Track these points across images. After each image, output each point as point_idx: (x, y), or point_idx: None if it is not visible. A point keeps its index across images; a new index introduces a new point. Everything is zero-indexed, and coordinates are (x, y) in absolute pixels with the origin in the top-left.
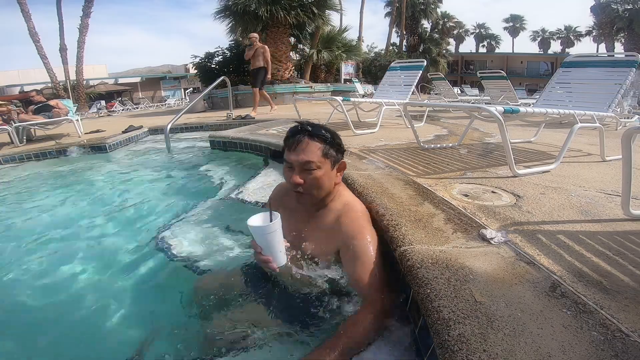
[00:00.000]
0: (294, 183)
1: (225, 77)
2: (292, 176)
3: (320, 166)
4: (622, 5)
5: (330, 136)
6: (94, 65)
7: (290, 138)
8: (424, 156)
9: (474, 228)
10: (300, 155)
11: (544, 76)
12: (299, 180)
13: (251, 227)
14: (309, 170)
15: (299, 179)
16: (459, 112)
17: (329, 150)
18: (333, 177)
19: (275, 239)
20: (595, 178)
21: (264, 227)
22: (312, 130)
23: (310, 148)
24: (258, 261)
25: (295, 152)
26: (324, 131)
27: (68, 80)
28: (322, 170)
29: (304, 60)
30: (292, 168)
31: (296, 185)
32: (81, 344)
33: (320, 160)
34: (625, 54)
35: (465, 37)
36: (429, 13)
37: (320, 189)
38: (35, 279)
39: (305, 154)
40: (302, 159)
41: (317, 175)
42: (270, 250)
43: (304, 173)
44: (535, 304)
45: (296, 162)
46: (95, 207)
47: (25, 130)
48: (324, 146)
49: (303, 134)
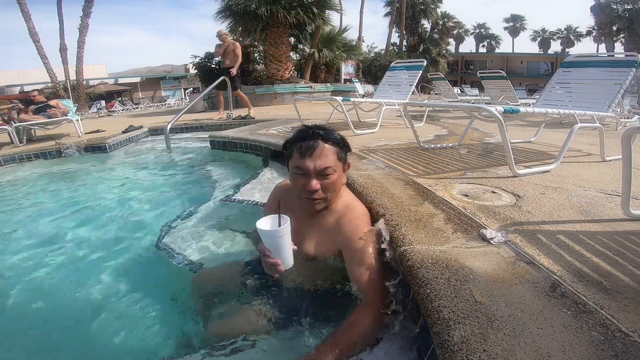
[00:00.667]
0: (312, 190)
1: (225, 77)
2: (307, 183)
3: (336, 170)
4: (622, 5)
5: (340, 138)
6: (94, 65)
7: (302, 143)
8: (424, 156)
9: (474, 228)
10: (317, 162)
11: (544, 76)
12: (318, 187)
13: (261, 230)
14: (326, 176)
15: (318, 184)
16: (459, 112)
17: (341, 153)
18: (343, 178)
19: (285, 242)
20: (595, 178)
21: (275, 231)
22: (325, 135)
23: (326, 153)
24: (265, 264)
25: (311, 158)
26: (335, 133)
27: (68, 80)
28: (337, 173)
29: (304, 60)
30: (305, 174)
31: (313, 192)
32: (81, 342)
33: (336, 164)
34: (625, 54)
35: (465, 37)
36: (429, 13)
37: (334, 192)
38: (34, 279)
39: (322, 159)
40: (320, 165)
41: (333, 180)
42: (280, 253)
43: (320, 178)
44: (535, 304)
45: (313, 168)
46: (95, 207)
47: (26, 130)
48: (338, 150)
49: (316, 139)
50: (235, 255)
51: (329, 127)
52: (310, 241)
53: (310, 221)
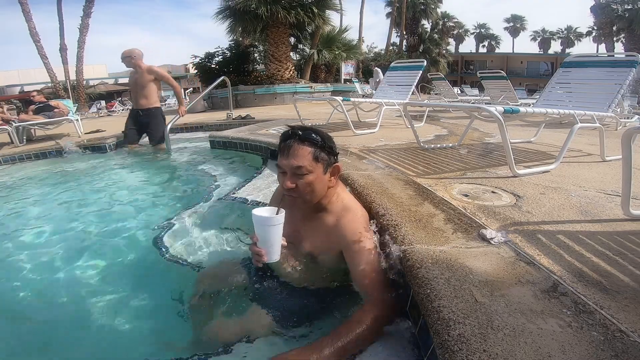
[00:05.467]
0: (286, 187)
1: (225, 77)
2: (284, 181)
3: (311, 170)
4: (622, 5)
5: (321, 139)
6: (94, 65)
7: (282, 143)
8: (424, 156)
9: (474, 228)
10: (290, 160)
11: (544, 76)
12: (291, 185)
13: (255, 216)
14: (301, 175)
15: (291, 183)
16: (459, 112)
17: (319, 154)
18: (326, 180)
19: (275, 233)
20: (595, 178)
21: (267, 219)
22: (302, 135)
23: (300, 152)
24: (251, 251)
25: (286, 157)
26: (314, 134)
27: (68, 80)
28: (313, 174)
29: (304, 60)
30: (283, 173)
31: (289, 190)
32: (81, 343)
33: (311, 164)
34: (625, 54)
35: (465, 37)
36: (429, 13)
37: (312, 193)
38: (34, 278)
39: (296, 158)
40: (293, 163)
41: (308, 180)
42: (267, 243)
43: (295, 177)
44: (535, 304)
45: (287, 167)
46: (94, 207)
47: (26, 130)
48: (314, 150)
49: (293, 139)
50: (235, 254)
51: (316, 129)
52: (309, 241)
53: (310, 222)
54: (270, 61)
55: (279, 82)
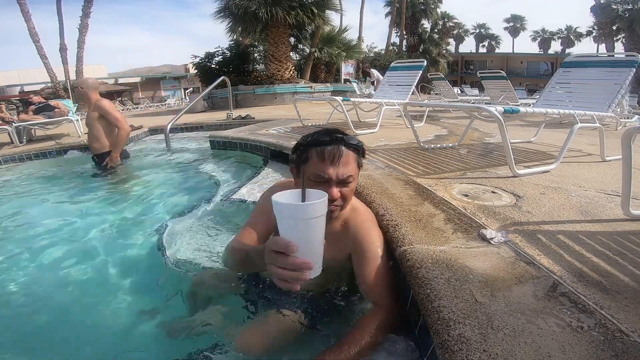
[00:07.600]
0: (333, 199)
1: (225, 77)
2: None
3: (355, 178)
4: (622, 5)
5: (361, 144)
6: (93, 65)
7: (325, 148)
8: (424, 156)
9: (474, 228)
10: (340, 170)
11: (544, 76)
12: (339, 195)
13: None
14: (347, 183)
15: (338, 193)
16: (459, 112)
17: (360, 160)
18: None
19: (319, 228)
20: (595, 178)
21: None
22: (348, 141)
23: (349, 161)
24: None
25: (333, 165)
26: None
27: (68, 80)
28: (355, 181)
29: (304, 60)
30: (324, 182)
31: (332, 201)
32: (80, 343)
33: (356, 171)
34: (625, 54)
35: (465, 37)
36: (429, 13)
37: (350, 199)
38: (34, 279)
39: (346, 168)
40: (343, 174)
41: (352, 188)
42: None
43: (340, 186)
44: (535, 304)
45: (335, 176)
46: (94, 207)
47: (26, 130)
48: (358, 157)
49: (339, 144)
50: None
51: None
52: None
53: None
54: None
55: (279, 82)
